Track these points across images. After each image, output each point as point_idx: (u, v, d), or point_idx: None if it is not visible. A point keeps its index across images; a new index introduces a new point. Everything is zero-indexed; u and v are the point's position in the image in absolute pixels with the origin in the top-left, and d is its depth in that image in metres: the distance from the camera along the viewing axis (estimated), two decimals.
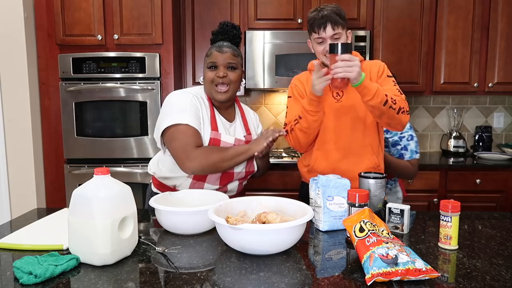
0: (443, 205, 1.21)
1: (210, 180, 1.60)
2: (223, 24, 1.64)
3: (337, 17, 1.59)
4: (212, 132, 1.57)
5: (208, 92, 1.61)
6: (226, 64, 1.57)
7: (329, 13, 1.59)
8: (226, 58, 1.57)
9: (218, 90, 1.58)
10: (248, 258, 1.12)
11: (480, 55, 3.00)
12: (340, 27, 1.60)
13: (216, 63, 1.57)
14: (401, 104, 1.53)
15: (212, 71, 1.58)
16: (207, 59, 1.60)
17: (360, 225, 1.09)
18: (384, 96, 1.48)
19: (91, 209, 1.04)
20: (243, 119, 1.74)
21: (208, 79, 1.58)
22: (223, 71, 1.57)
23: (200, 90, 1.66)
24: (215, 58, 1.57)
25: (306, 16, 2.95)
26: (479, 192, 2.81)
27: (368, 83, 1.45)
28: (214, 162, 1.50)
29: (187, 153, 1.48)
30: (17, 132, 2.64)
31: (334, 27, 1.59)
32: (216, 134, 1.57)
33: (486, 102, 3.39)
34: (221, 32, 1.63)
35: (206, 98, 1.63)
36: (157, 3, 2.65)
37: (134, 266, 1.08)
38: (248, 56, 2.90)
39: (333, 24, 1.58)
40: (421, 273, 0.96)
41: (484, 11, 2.97)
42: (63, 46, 2.68)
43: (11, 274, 1.03)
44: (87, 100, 2.68)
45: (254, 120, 1.81)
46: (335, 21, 1.58)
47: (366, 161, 1.69)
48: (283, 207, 1.32)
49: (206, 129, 1.57)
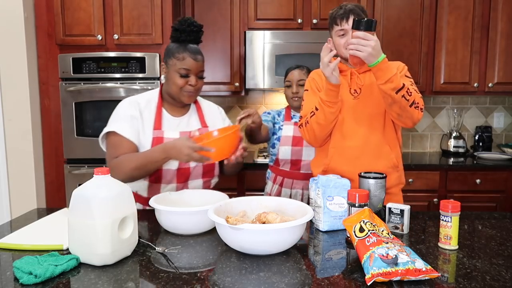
0: (443, 205, 1.21)
1: (165, 180, 1.59)
2: (189, 23, 1.57)
3: (360, 12, 1.60)
4: (154, 131, 1.57)
5: (174, 95, 1.59)
6: (198, 73, 1.58)
7: (352, 7, 1.60)
8: (199, 67, 1.57)
9: (187, 96, 1.58)
10: (248, 258, 1.12)
11: (480, 55, 3.00)
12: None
13: (190, 71, 1.55)
14: (417, 99, 1.49)
15: (183, 79, 1.56)
16: (177, 63, 1.55)
17: (360, 225, 1.09)
18: (400, 83, 1.43)
19: (91, 209, 1.04)
20: (199, 112, 1.72)
21: (178, 85, 1.56)
22: (195, 79, 1.57)
23: (149, 95, 1.66)
24: (189, 66, 1.55)
25: (306, 16, 2.97)
26: (479, 192, 2.81)
27: (384, 66, 1.41)
28: (128, 172, 1.48)
29: (109, 164, 1.54)
30: (17, 132, 2.64)
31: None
32: (159, 133, 1.57)
33: (486, 102, 3.39)
34: (187, 32, 1.57)
35: (156, 99, 1.63)
36: (157, 3, 2.65)
37: (134, 266, 1.08)
38: (248, 56, 2.90)
39: (355, 16, 1.57)
40: (421, 273, 0.96)
41: (484, 11, 2.96)
42: (63, 46, 2.68)
43: (11, 274, 1.03)
44: (87, 100, 2.68)
45: (218, 114, 1.78)
46: (358, 14, 1.58)
47: (384, 161, 1.65)
48: (283, 207, 1.32)
49: (148, 131, 1.57)
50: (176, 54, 1.56)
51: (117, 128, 1.54)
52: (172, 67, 1.57)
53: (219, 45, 3.00)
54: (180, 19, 1.58)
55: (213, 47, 2.99)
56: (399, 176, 1.69)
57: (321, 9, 2.95)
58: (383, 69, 1.41)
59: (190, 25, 1.57)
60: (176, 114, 1.66)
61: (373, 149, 1.64)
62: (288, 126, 2.20)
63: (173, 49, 1.57)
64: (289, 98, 2.20)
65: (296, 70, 2.17)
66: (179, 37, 1.57)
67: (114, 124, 1.56)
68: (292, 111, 2.26)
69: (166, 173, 1.58)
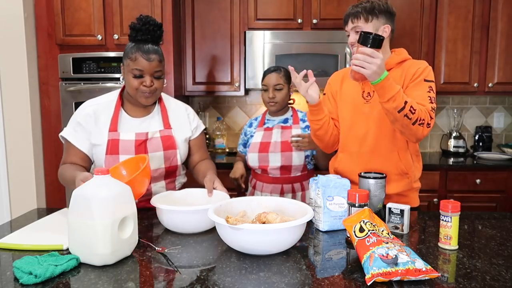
0: (443, 205, 1.21)
1: None
2: (145, 21, 1.50)
3: (361, 11, 1.57)
4: (109, 133, 1.55)
5: (133, 96, 1.56)
6: (153, 73, 1.51)
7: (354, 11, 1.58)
8: (154, 67, 1.50)
9: (144, 97, 1.53)
10: (248, 258, 1.12)
11: (480, 55, 3.00)
12: (361, 19, 1.57)
13: (142, 71, 1.49)
14: (422, 115, 1.43)
15: (137, 79, 1.50)
16: (130, 63, 1.49)
17: (360, 225, 1.09)
18: (402, 103, 1.38)
19: (91, 209, 1.04)
20: (163, 113, 1.65)
21: (133, 86, 1.51)
22: (149, 80, 1.50)
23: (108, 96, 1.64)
24: (142, 66, 1.48)
25: (306, 16, 2.98)
26: (479, 192, 2.81)
27: (387, 85, 1.37)
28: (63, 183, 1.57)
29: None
30: (17, 132, 2.64)
31: (354, 20, 1.58)
32: (114, 135, 1.55)
33: (486, 102, 3.39)
34: (143, 31, 1.49)
35: (116, 100, 1.61)
36: (157, 3, 2.65)
37: (134, 266, 1.08)
38: (248, 56, 2.90)
39: (352, 17, 1.58)
40: (421, 273, 0.96)
41: (484, 11, 2.96)
42: (63, 46, 2.68)
43: (11, 274, 1.03)
44: (87, 100, 2.68)
45: (185, 115, 1.71)
46: (355, 14, 1.57)
47: (392, 168, 1.62)
48: (283, 207, 1.32)
49: (104, 133, 1.56)
50: (129, 54, 1.50)
51: (66, 134, 1.59)
52: (126, 67, 1.52)
53: (219, 45, 3.00)
54: (138, 17, 1.51)
55: (213, 47, 2.99)
56: (409, 182, 1.65)
57: (321, 9, 2.94)
58: (386, 87, 1.37)
59: (146, 24, 1.49)
60: (137, 115, 1.62)
61: (382, 155, 1.62)
62: (259, 132, 2.14)
63: (128, 49, 1.52)
64: (266, 103, 2.12)
65: (273, 73, 2.08)
66: (135, 36, 1.50)
67: (67, 129, 1.61)
68: (267, 116, 2.20)
69: None
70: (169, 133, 1.62)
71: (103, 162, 1.55)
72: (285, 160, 2.04)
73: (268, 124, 2.16)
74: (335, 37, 2.86)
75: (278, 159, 2.04)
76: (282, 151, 2.05)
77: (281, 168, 2.06)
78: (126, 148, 1.54)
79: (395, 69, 1.61)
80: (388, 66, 1.60)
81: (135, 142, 1.56)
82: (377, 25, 1.58)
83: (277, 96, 2.07)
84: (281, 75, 2.08)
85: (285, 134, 2.08)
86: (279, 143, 2.06)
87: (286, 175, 2.07)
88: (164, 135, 1.61)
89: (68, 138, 1.58)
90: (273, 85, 2.06)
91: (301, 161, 2.05)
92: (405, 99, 1.40)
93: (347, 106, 1.70)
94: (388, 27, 1.60)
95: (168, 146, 1.60)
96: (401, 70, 1.60)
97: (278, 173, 2.07)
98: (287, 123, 2.13)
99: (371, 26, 1.57)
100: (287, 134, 2.07)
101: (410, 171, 1.64)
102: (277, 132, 2.10)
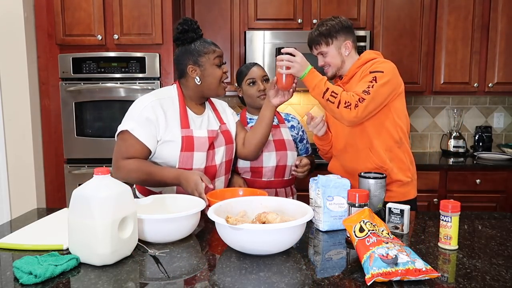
0: (443, 205, 1.21)
1: None
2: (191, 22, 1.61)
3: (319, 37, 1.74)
4: (182, 130, 1.56)
5: (212, 89, 1.62)
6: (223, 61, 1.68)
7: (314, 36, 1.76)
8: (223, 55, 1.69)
9: (224, 87, 1.65)
10: (248, 258, 1.12)
11: (480, 55, 3.00)
12: (322, 45, 1.75)
13: (222, 59, 1.65)
14: (346, 98, 1.56)
15: (220, 69, 1.63)
16: (211, 56, 1.60)
17: (360, 225, 1.09)
18: (324, 88, 1.58)
19: (91, 209, 1.04)
20: (214, 110, 1.74)
21: (218, 76, 1.62)
22: (225, 67, 1.67)
23: (168, 91, 1.65)
24: (220, 54, 1.64)
25: (306, 16, 2.98)
26: (479, 192, 2.81)
27: (312, 76, 1.58)
28: (132, 179, 1.52)
29: (114, 161, 1.53)
30: (17, 132, 2.64)
31: (316, 46, 1.77)
32: (188, 131, 1.56)
33: (486, 102, 3.39)
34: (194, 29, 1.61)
35: (177, 97, 1.63)
36: (157, 3, 2.64)
37: (134, 266, 1.08)
38: (248, 56, 2.90)
39: (315, 44, 1.77)
40: (421, 273, 0.96)
41: (484, 11, 2.96)
42: (63, 46, 2.68)
43: (11, 274, 1.03)
44: (87, 100, 2.68)
45: (228, 110, 1.83)
46: (316, 41, 1.76)
47: (368, 164, 1.71)
48: (283, 207, 1.32)
49: (173, 130, 1.55)
50: (205, 50, 1.60)
51: (131, 129, 1.51)
52: (207, 63, 1.60)
53: (219, 45, 2.99)
54: (182, 21, 1.60)
55: None
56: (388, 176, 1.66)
57: (321, 9, 2.95)
58: (311, 78, 1.58)
59: (192, 23, 1.61)
60: (198, 112, 1.67)
61: (354, 153, 1.75)
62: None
63: (197, 48, 1.60)
64: (255, 98, 1.95)
65: (255, 67, 1.97)
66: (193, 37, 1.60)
67: (130, 123, 1.52)
68: (247, 115, 2.04)
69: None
70: (226, 128, 1.72)
71: (176, 159, 1.55)
72: (280, 160, 1.92)
73: (252, 123, 2.00)
74: None
75: (273, 158, 1.91)
76: (276, 150, 1.93)
77: (276, 169, 1.93)
78: (201, 145, 1.58)
79: (358, 72, 1.74)
80: (351, 72, 1.76)
81: (208, 139, 1.60)
82: (338, 44, 1.75)
83: (267, 87, 1.85)
84: (262, 67, 2.00)
85: (276, 133, 1.97)
86: (272, 142, 1.94)
87: (280, 177, 1.95)
88: (223, 130, 1.70)
89: (134, 133, 1.51)
90: (261, 77, 1.95)
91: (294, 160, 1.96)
92: (328, 86, 1.59)
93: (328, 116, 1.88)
94: (348, 43, 1.76)
95: (228, 140, 1.70)
96: (360, 72, 1.73)
97: (273, 175, 1.94)
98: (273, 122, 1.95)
99: (333, 47, 1.75)
100: (277, 133, 1.97)
101: (385, 165, 1.70)
102: None
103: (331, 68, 1.79)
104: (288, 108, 3.29)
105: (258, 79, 1.94)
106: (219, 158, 1.64)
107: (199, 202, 1.34)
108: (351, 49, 1.77)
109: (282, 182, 1.97)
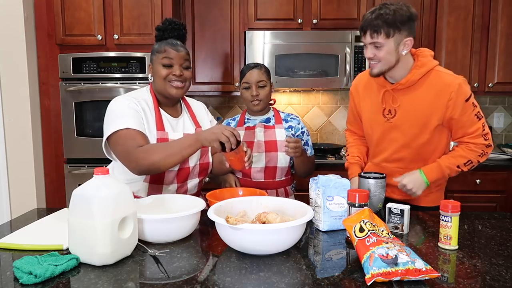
0: (443, 205, 1.21)
1: (167, 181, 1.58)
2: (170, 22, 1.60)
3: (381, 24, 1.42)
4: (158, 132, 1.54)
5: (161, 88, 1.57)
6: (182, 63, 1.57)
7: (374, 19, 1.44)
8: (182, 57, 1.57)
9: (174, 86, 1.56)
10: (248, 258, 1.12)
11: (480, 55, 3.00)
12: (381, 35, 1.43)
13: (172, 60, 1.55)
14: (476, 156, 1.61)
15: (166, 69, 1.55)
16: (159, 56, 1.56)
17: (360, 225, 1.09)
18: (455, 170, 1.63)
19: (91, 209, 1.04)
20: (190, 113, 1.71)
21: (162, 76, 1.55)
22: (179, 70, 1.56)
23: (141, 93, 1.63)
24: (172, 55, 1.54)
25: (306, 16, 2.98)
26: (479, 192, 2.81)
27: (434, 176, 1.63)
28: (157, 161, 1.41)
29: (128, 156, 1.44)
30: (17, 132, 2.64)
31: (373, 34, 1.45)
32: (163, 134, 1.55)
33: (486, 102, 3.39)
34: (169, 30, 1.59)
35: (150, 99, 1.61)
36: (157, 3, 2.65)
37: (134, 266, 1.08)
38: (248, 56, 2.90)
39: (372, 31, 1.45)
40: (421, 273, 0.96)
41: (484, 11, 2.96)
42: (63, 46, 2.68)
43: (11, 274, 1.03)
44: (87, 100, 2.68)
45: (204, 111, 1.78)
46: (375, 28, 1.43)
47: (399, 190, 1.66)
48: (283, 207, 1.32)
49: (152, 131, 1.54)
50: (158, 49, 1.58)
51: (128, 124, 1.47)
52: (155, 61, 1.57)
53: (219, 45, 3.00)
54: (163, 20, 1.62)
55: (213, 47, 2.99)
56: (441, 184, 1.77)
57: (321, 9, 2.94)
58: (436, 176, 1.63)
59: (171, 23, 1.59)
60: (173, 114, 1.65)
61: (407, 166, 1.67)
62: (239, 131, 1.88)
63: (155, 47, 1.60)
64: (248, 102, 1.93)
65: (254, 70, 1.91)
66: (162, 35, 1.60)
67: (119, 121, 1.47)
68: (246, 115, 2.02)
69: (168, 174, 1.57)
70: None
71: None
72: (269, 161, 1.90)
73: (248, 123, 1.99)
74: (335, 37, 2.85)
75: (262, 159, 1.89)
76: (266, 151, 1.90)
77: (266, 170, 1.90)
78: None
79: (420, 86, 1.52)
80: (412, 79, 1.51)
81: None
82: (399, 39, 1.45)
83: (261, 93, 1.90)
84: (263, 71, 1.92)
85: (268, 134, 1.93)
86: (263, 143, 1.91)
87: (270, 179, 1.92)
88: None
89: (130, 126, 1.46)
90: (255, 82, 1.90)
91: (286, 162, 1.92)
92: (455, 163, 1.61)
93: (366, 123, 1.75)
94: (410, 40, 1.47)
95: None
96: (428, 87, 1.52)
97: (262, 176, 1.91)
98: (269, 122, 1.97)
99: (392, 42, 1.44)
100: (270, 134, 1.94)
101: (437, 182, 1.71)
102: (260, 131, 1.94)
103: (380, 65, 1.50)
104: (288, 108, 3.29)
105: (252, 84, 1.90)
106: (193, 161, 1.61)
107: (199, 202, 1.34)
108: (409, 49, 1.50)
109: (274, 184, 1.94)
